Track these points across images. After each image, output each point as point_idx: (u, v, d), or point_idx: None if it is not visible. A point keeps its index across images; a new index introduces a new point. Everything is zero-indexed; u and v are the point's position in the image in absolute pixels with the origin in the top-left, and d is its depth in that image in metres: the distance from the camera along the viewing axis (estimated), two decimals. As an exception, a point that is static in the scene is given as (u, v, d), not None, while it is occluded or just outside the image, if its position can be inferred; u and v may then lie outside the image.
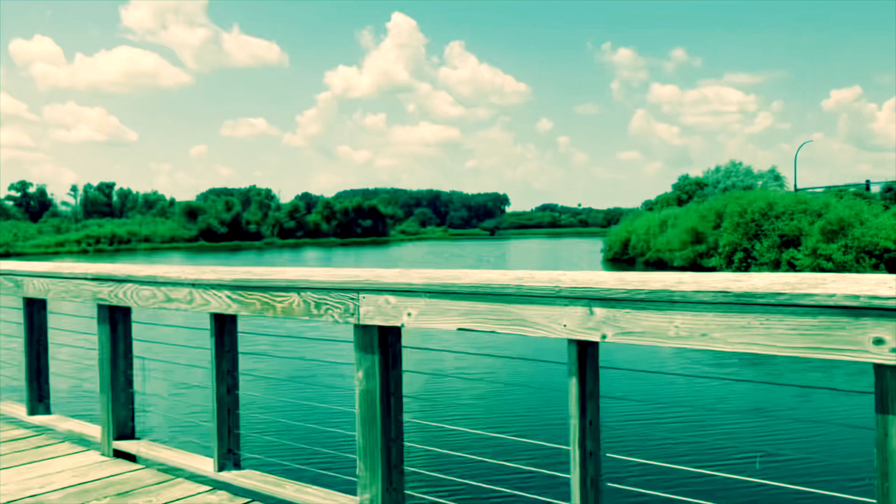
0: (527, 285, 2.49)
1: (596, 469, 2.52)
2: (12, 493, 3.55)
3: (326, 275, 3.11)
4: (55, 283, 4.46)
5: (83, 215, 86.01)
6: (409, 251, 65.21)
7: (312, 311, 3.14)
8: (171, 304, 3.74)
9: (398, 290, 2.84)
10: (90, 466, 3.96)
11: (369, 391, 2.98)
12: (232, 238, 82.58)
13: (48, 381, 4.97)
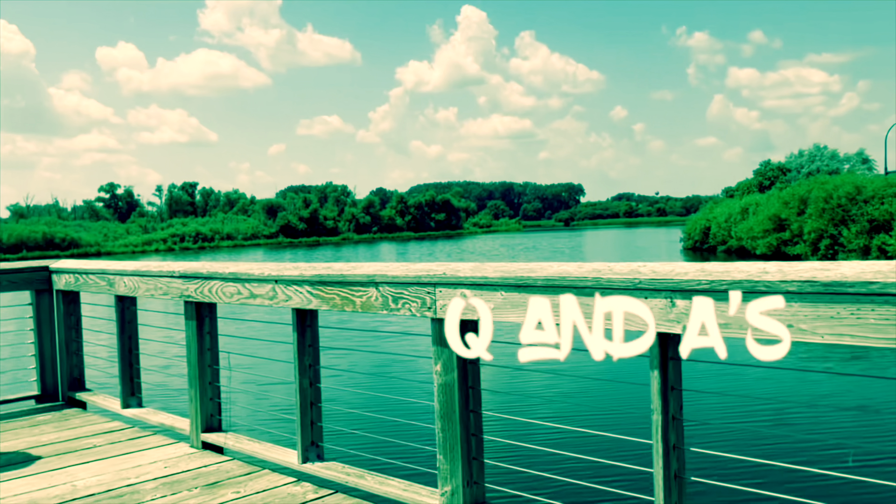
0: (605, 277, 2.47)
1: (679, 463, 2.47)
2: (109, 483, 3.72)
3: (403, 269, 3.14)
4: (145, 281, 4.63)
5: (168, 214, 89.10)
6: (482, 244, 65.20)
7: (390, 305, 3.17)
8: (254, 299, 3.84)
9: (474, 284, 2.85)
10: (180, 458, 4.11)
11: (447, 384, 3.00)
12: (310, 234, 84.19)
13: (139, 375, 5.17)
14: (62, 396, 5.60)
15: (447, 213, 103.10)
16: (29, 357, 5.67)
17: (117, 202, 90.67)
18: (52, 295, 5.59)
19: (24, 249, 62.16)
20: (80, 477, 3.83)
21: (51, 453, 4.29)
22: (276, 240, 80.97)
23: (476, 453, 3.02)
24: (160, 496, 3.50)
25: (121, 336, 5.06)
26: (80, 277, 5.28)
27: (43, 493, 3.60)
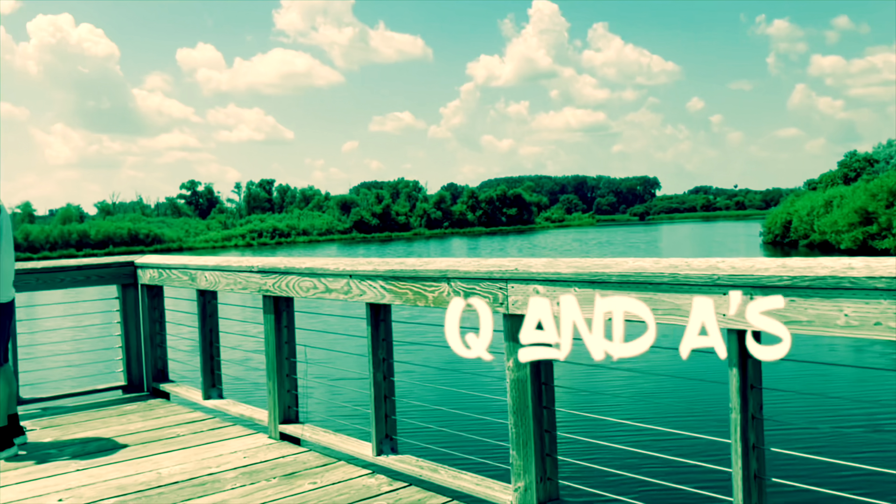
0: (682, 273, 2.42)
1: (759, 464, 2.41)
2: (192, 471, 3.85)
3: (475, 265, 3.15)
4: (225, 276, 4.77)
5: (247, 211, 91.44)
6: (554, 239, 64.71)
7: (462, 301, 3.18)
8: (329, 294, 3.91)
9: (547, 280, 2.84)
10: (259, 448, 4.22)
11: (520, 380, 2.99)
12: (383, 229, 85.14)
13: (220, 367, 5.33)
14: (147, 387, 5.82)
15: (519, 208, 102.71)
16: (116, 349, 5.91)
17: (198, 199, 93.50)
18: (137, 289, 5.81)
19: (111, 245, 64.73)
20: (165, 465, 3.97)
21: (137, 441, 4.46)
22: (349, 235, 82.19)
23: (549, 450, 3.00)
24: (240, 485, 3.61)
25: (202, 329, 5.22)
26: (164, 272, 5.47)
27: (130, 480, 3.75)
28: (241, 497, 3.45)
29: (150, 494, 3.52)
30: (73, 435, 4.66)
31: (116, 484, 3.69)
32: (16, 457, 4.24)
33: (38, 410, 5.30)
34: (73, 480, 3.77)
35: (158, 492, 3.55)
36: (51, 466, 4.03)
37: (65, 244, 63.64)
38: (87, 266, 5.68)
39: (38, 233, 63.67)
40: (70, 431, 4.75)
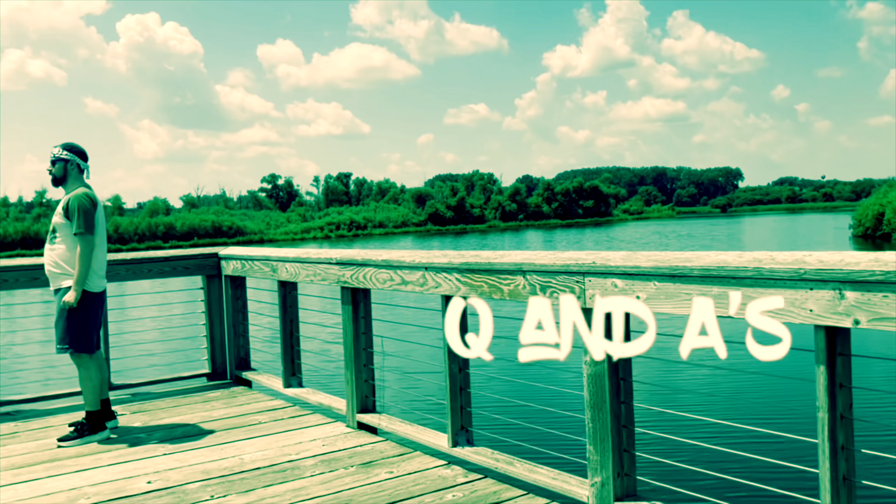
0: (766, 267, 2.34)
1: (849, 465, 2.32)
2: (273, 458, 3.95)
3: (551, 258, 3.12)
4: (305, 268, 4.87)
5: (325, 204, 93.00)
6: (632, 231, 63.64)
7: (538, 294, 3.16)
8: (405, 286, 3.94)
9: (626, 274, 2.79)
10: (337, 437, 4.29)
11: (597, 375, 2.96)
12: (457, 222, 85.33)
13: (300, 357, 5.45)
14: (230, 375, 5.99)
15: (596, 200, 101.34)
16: (200, 338, 6.11)
17: (278, 192, 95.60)
18: (220, 280, 5.99)
19: (196, 237, 66.82)
20: (247, 451, 4.09)
21: (221, 428, 4.60)
22: (424, 227, 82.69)
23: (627, 445, 2.96)
24: (319, 472, 3.68)
25: (283, 319, 5.34)
26: (246, 263, 5.62)
27: (214, 465, 3.87)
28: (320, 484, 3.52)
29: (232, 479, 3.63)
30: (161, 420, 4.84)
31: (201, 468, 3.82)
32: (108, 440, 4.43)
33: (127, 396, 5.53)
34: (161, 464, 3.92)
35: (241, 477, 3.66)
36: (140, 450, 4.20)
37: (152, 236, 66.04)
38: (174, 257, 5.88)
39: (126, 225, 66.27)
40: (158, 417, 4.94)
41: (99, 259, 4.54)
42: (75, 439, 4.36)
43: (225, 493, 3.44)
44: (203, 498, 3.39)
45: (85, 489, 3.57)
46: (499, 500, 3.23)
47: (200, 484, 3.58)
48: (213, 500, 3.36)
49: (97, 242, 4.49)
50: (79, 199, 4.41)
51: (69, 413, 5.00)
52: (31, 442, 4.45)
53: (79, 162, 4.57)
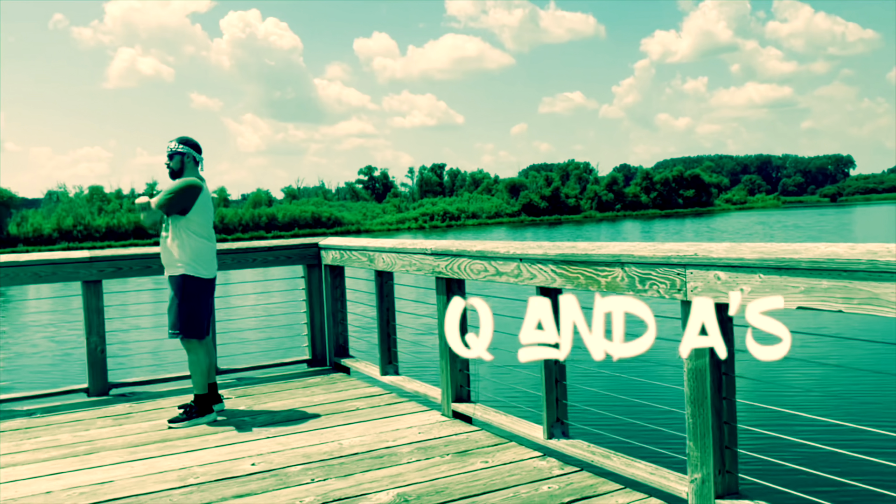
0: (882, 260, 2.23)
1: (971, 471, 2.18)
2: (370, 444, 4.03)
3: (651, 249, 3.06)
4: (401, 258, 4.94)
5: (419, 195, 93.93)
6: (735, 222, 61.55)
7: (637, 286, 3.11)
8: (500, 277, 3.94)
9: (729, 266, 2.71)
10: (433, 425, 4.34)
11: (698, 369, 2.88)
12: (552, 212, 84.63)
13: (396, 345, 5.53)
14: (329, 362, 6.15)
15: (696, 189, 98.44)
16: (301, 325, 6.29)
17: (374, 183, 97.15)
18: (320, 269, 6.15)
19: (296, 227, 68.76)
20: (346, 436, 4.19)
21: (321, 413, 4.73)
22: (518, 218, 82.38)
23: (729, 442, 2.88)
24: (415, 459, 3.74)
25: (380, 308, 5.44)
26: (345, 253, 5.74)
27: (315, 449, 3.99)
28: (416, 471, 3.57)
29: (332, 464, 3.73)
30: (264, 405, 5.02)
31: (302, 452, 3.94)
32: (215, 422, 4.63)
33: (233, 381, 5.75)
34: (264, 447, 4.06)
35: (340, 462, 3.76)
36: (244, 433, 4.37)
37: (255, 226, 68.35)
38: (277, 247, 6.07)
39: (231, 216, 68.81)
40: (261, 401, 5.12)
41: (208, 247, 4.73)
42: (184, 421, 4.57)
43: (325, 477, 3.54)
44: (304, 481, 3.50)
45: (194, 469, 3.74)
46: (595, 493, 3.21)
47: (301, 467, 3.69)
48: (313, 484, 3.46)
49: (203, 230, 4.67)
50: (180, 182, 4.63)
51: (179, 396, 5.24)
52: (145, 422, 4.69)
53: (194, 155, 4.77)
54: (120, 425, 4.61)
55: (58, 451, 4.14)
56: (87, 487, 3.53)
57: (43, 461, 3.97)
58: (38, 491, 3.52)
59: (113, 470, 3.78)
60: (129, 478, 3.65)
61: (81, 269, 5.30)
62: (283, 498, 3.31)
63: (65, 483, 3.61)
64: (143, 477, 3.65)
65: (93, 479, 3.64)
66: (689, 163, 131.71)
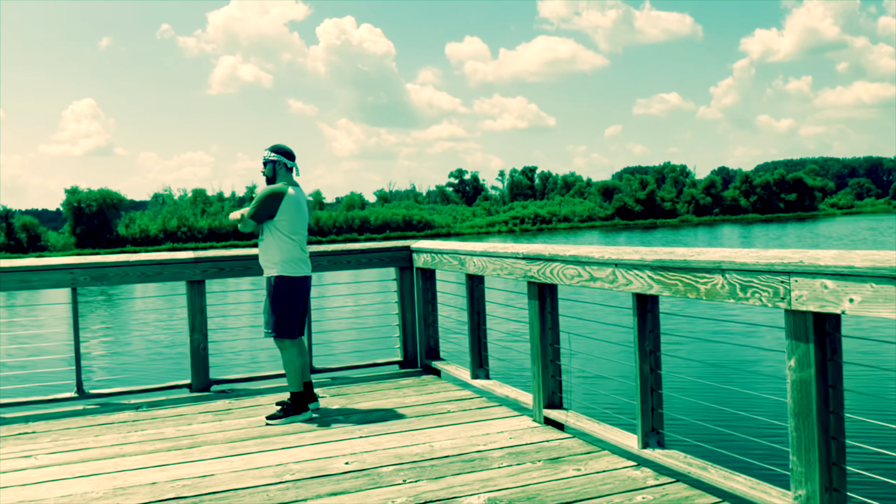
0: None
1: None
2: (461, 447, 4.04)
3: (753, 256, 2.95)
4: (492, 262, 4.93)
5: (510, 198, 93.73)
6: (841, 227, 58.81)
7: (738, 294, 3.01)
8: (594, 282, 3.89)
9: (837, 274, 2.59)
10: (524, 430, 4.32)
11: (803, 381, 2.76)
12: (646, 216, 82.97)
13: (486, 349, 5.53)
14: (420, 363, 6.20)
15: (799, 193, 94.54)
16: (393, 326, 6.37)
17: (465, 186, 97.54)
18: (412, 272, 6.21)
19: (388, 230, 69.80)
20: (437, 438, 4.21)
21: (412, 414, 4.78)
22: (611, 222, 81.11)
23: (837, 458, 2.75)
24: (506, 465, 3.72)
25: (470, 311, 5.45)
26: (436, 257, 5.78)
27: (406, 450, 4.02)
28: (507, 476, 3.56)
29: (423, 465, 3.76)
30: (357, 404, 5.11)
31: (394, 453, 3.98)
32: (310, 420, 4.74)
33: (327, 380, 5.87)
34: (357, 446, 4.13)
35: (431, 464, 3.78)
36: (338, 431, 4.45)
37: (349, 229, 69.76)
38: (370, 250, 6.17)
39: (326, 218, 70.45)
40: (354, 401, 5.21)
41: (298, 248, 4.84)
42: (281, 418, 4.70)
43: (416, 479, 3.57)
44: (396, 482, 3.54)
45: (290, 465, 3.83)
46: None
47: (393, 468, 3.74)
48: (405, 485, 3.50)
49: (292, 232, 4.78)
50: (264, 191, 4.79)
51: (276, 393, 5.39)
52: (244, 419, 4.84)
53: (285, 161, 4.91)
54: (220, 420, 4.77)
55: (162, 444, 4.32)
56: (189, 480, 3.67)
57: (148, 453, 4.16)
58: (144, 481, 3.68)
59: (213, 464, 3.92)
60: (228, 472, 3.78)
61: (186, 269, 5.52)
62: (375, 498, 3.36)
63: (169, 475, 3.76)
64: (241, 472, 3.77)
65: (194, 472, 3.78)
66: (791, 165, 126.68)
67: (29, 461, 4.09)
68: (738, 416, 4.39)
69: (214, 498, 3.43)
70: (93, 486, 3.64)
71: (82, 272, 5.34)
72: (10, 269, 5.23)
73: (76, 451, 4.26)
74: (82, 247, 59.22)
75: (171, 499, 3.43)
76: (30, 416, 5.07)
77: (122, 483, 3.67)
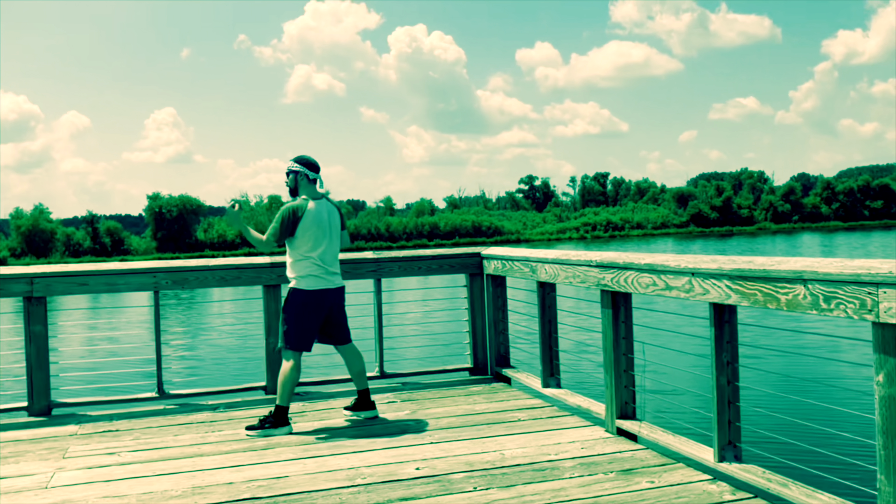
0: None
1: None
2: (532, 456, 4.01)
3: (838, 266, 2.85)
4: (564, 269, 4.89)
5: (581, 204, 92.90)
6: (931, 235, 56.19)
7: (821, 305, 2.91)
8: (669, 291, 3.81)
9: (930, 285, 2.47)
10: (596, 441, 4.26)
11: (892, 398, 2.65)
12: (723, 223, 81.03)
13: (558, 357, 5.48)
14: (490, 371, 6.19)
15: (886, 201, 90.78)
16: (463, 333, 6.37)
17: (535, 193, 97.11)
18: (482, 278, 6.21)
19: (457, 236, 70.06)
20: (508, 446, 4.19)
21: (483, 422, 4.77)
22: (686, 229, 79.48)
23: (928, 480, 2.62)
24: (577, 475, 3.68)
25: (541, 319, 5.41)
26: (507, 263, 5.76)
27: (477, 457, 4.02)
28: (578, 487, 3.52)
29: (494, 473, 3.74)
30: (427, 410, 5.13)
31: (465, 460, 3.98)
32: (382, 426, 4.77)
33: (398, 385, 5.92)
34: (428, 452, 4.14)
35: (502, 472, 3.76)
36: (409, 437, 4.48)
37: (418, 235, 70.32)
38: (441, 256, 6.19)
39: (396, 224, 71.17)
40: (424, 406, 5.23)
41: (317, 262, 4.78)
42: (259, 429, 4.63)
43: (487, 487, 3.56)
44: (466, 488, 3.54)
45: (361, 469, 3.87)
46: (771, 524, 3.02)
47: (464, 475, 3.73)
48: (475, 492, 3.49)
49: (307, 248, 4.76)
50: (282, 209, 4.81)
51: (347, 397, 5.45)
52: (317, 421, 4.92)
53: (307, 173, 4.92)
54: (294, 423, 4.86)
55: (238, 445, 4.42)
56: (264, 481, 3.75)
57: (225, 453, 4.26)
58: (221, 481, 3.77)
59: (287, 466, 3.99)
60: (302, 474, 3.84)
61: (263, 274, 5.65)
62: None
63: (245, 475, 3.85)
64: (314, 474, 3.83)
65: (269, 474, 3.86)
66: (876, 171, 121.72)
67: (113, 458, 4.24)
68: (820, 433, 4.24)
69: (289, 499, 3.49)
70: (172, 485, 3.75)
71: (164, 276, 5.52)
72: (96, 272, 5.45)
73: (157, 449, 4.40)
74: (163, 251, 61.34)
75: (246, 499, 3.51)
76: (113, 414, 5.26)
77: (200, 482, 3.77)
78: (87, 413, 5.32)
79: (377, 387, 5.70)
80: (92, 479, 3.87)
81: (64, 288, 5.37)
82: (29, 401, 5.27)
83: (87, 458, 4.25)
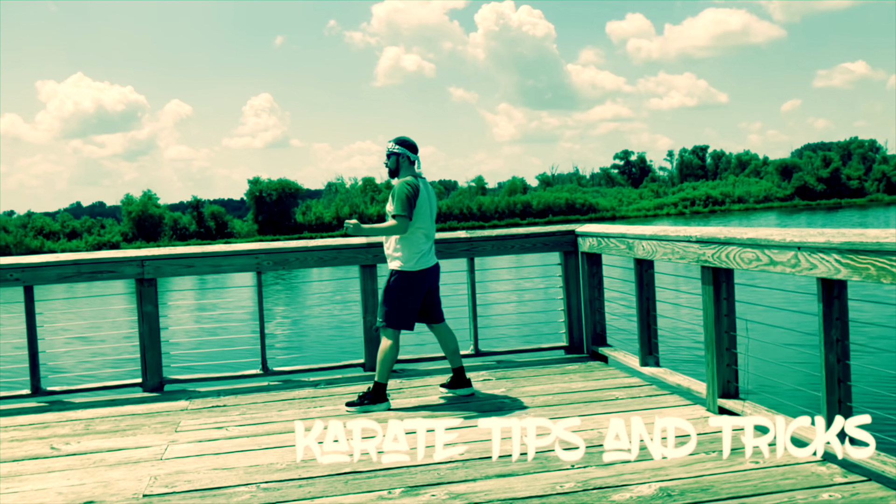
0: None
1: None
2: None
3: (961, 237, 2.68)
4: (662, 245, 4.78)
5: (679, 179, 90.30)
6: None
7: (942, 279, 2.74)
8: (773, 266, 3.67)
9: None
10: (697, 420, 4.16)
11: None
12: (830, 196, 77.25)
13: (656, 335, 5.38)
14: (586, 349, 6.13)
15: None
16: (558, 311, 6.33)
17: (630, 168, 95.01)
18: (577, 256, 6.14)
19: (550, 214, 69.38)
20: (605, 425, 4.14)
21: (579, 400, 4.73)
22: (790, 202, 76.23)
23: None
24: (678, 454, 3.60)
25: (639, 297, 5.31)
26: (602, 241, 5.68)
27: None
28: (679, 466, 3.46)
29: (592, 451, 3.71)
30: (523, 388, 5.12)
31: (562, 437, 3.95)
32: (478, 403, 4.80)
33: (493, 363, 5.94)
34: (524, 429, 4.13)
35: (600, 450, 3.73)
36: (505, 415, 4.49)
37: (510, 213, 70.01)
38: (534, 234, 6.16)
39: (488, 204, 71.06)
40: (520, 384, 5.23)
41: (422, 240, 4.82)
42: (358, 405, 4.75)
43: (585, 465, 3.54)
44: (564, 466, 3.53)
45: (458, 446, 3.91)
46: (886, 508, 2.88)
47: (566, 452, 3.71)
48: (573, 470, 3.48)
49: (420, 225, 4.80)
50: (400, 187, 4.77)
51: (441, 375, 5.50)
52: (413, 398, 5.00)
53: (408, 154, 4.92)
54: (392, 399, 4.95)
55: (339, 420, 4.53)
56: (363, 455, 3.83)
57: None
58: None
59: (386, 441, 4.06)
60: (400, 449, 3.90)
61: (359, 255, 5.76)
62: (543, 481, 3.36)
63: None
64: (413, 450, 3.89)
65: (369, 448, 3.94)
66: None
67: (221, 432, 4.43)
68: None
69: (388, 473, 3.56)
70: (277, 458, 3.89)
71: (266, 257, 5.70)
72: (202, 254, 5.68)
73: (262, 424, 4.57)
74: (264, 233, 63.36)
75: (348, 472, 3.61)
76: (221, 390, 5.49)
77: (304, 456, 3.89)
78: (196, 389, 5.57)
79: (471, 364, 5.73)
80: (202, 452, 4.05)
81: (172, 269, 5.62)
82: (143, 377, 5.56)
83: (198, 432, 4.45)
